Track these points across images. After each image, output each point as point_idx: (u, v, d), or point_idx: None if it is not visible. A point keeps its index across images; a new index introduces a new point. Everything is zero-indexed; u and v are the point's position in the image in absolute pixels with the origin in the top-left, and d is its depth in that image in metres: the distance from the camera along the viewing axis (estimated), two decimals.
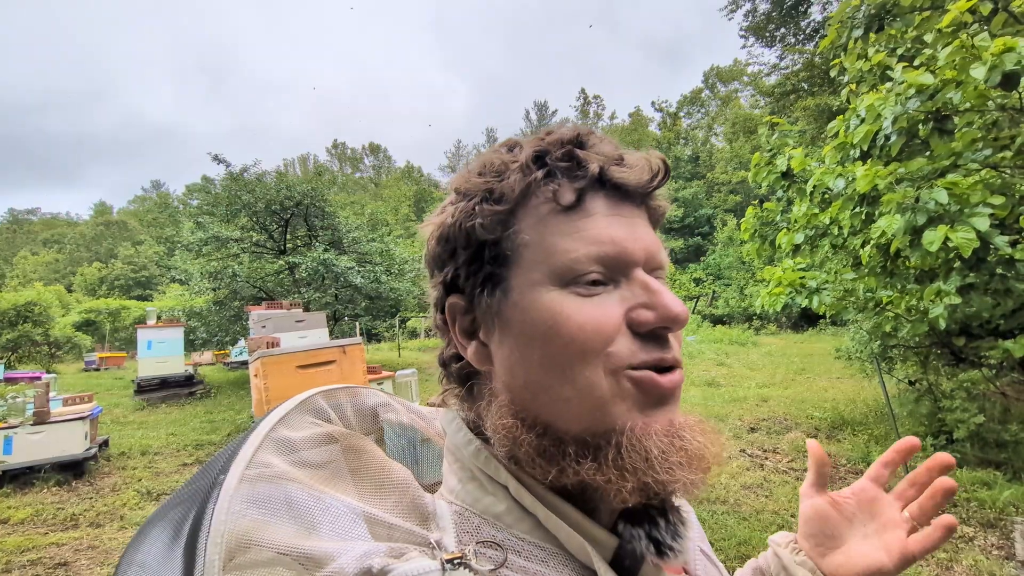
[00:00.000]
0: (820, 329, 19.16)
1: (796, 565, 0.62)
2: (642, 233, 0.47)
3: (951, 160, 3.47)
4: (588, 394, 0.43)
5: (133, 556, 0.43)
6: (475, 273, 0.48)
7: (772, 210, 5.43)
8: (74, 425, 5.68)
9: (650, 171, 0.48)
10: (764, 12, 18.70)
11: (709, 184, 38.59)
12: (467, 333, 0.51)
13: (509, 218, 0.47)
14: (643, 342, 0.44)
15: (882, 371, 5.41)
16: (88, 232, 62.35)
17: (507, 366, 0.47)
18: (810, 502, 0.63)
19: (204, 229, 12.64)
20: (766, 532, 3.86)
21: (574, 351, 0.43)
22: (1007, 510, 4.01)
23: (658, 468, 0.41)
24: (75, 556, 3.89)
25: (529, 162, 0.47)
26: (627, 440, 0.42)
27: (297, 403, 0.52)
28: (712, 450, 0.45)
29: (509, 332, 0.47)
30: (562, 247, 0.45)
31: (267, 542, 0.37)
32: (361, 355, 5.94)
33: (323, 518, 0.39)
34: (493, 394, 0.49)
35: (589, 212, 0.46)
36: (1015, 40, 2.76)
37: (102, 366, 17.49)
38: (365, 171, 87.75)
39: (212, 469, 0.45)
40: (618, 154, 0.48)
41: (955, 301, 3.40)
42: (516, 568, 0.43)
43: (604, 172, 0.46)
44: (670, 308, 0.43)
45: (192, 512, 0.41)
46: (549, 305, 0.44)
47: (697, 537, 0.59)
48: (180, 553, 0.39)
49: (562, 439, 0.44)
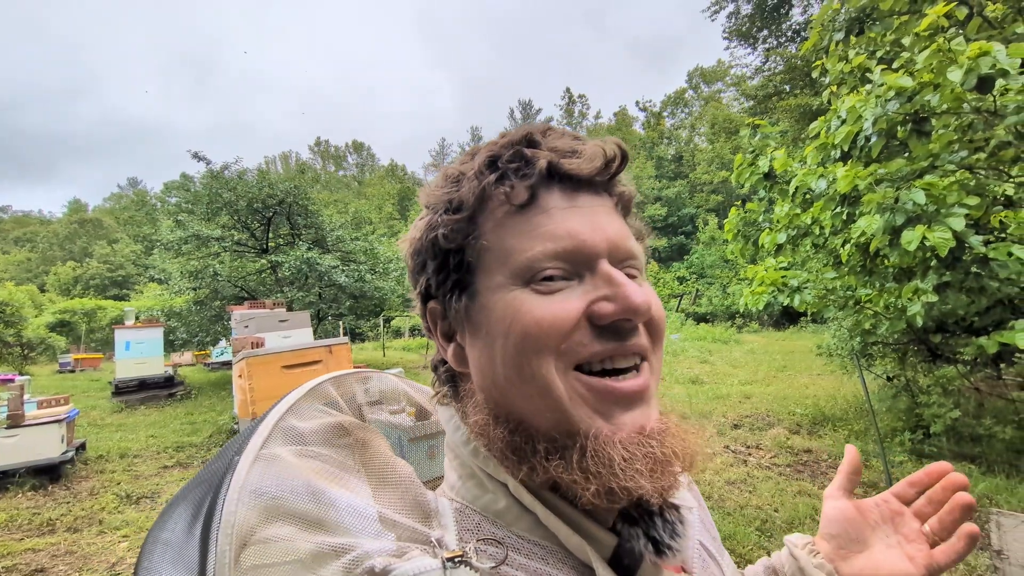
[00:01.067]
0: (801, 327, 19.50)
1: (814, 568, 0.61)
2: (604, 222, 0.47)
3: (929, 161, 3.55)
4: (546, 392, 0.43)
5: (159, 534, 0.44)
6: (444, 281, 0.50)
7: (754, 210, 5.50)
8: (50, 428, 5.53)
9: (604, 157, 0.47)
10: (746, 14, 18.94)
11: (692, 184, 39.01)
12: (446, 337, 0.52)
13: (469, 225, 0.48)
14: (600, 334, 0.44)
15: (862, 368, 5.52)
16: (62, 230, 60.76)
17: (479, 366, 0.48)
18: (835, 504, 0.63)
19: (184, 227, 12.42)
20: (750, 527, 3.92)
21: (529, 346, 0.43)
22: (982, 502, 4.13)
23: (621, 475, 0.40)
24: (52, 562, 3.79)
25: (482, 167, 0.48)
26: (591, 445, 0.42)
27: (307, 391, 0.53)
28: (689, 451, 0.44)
29: (478, 334, 0.48)
30: (519, 247, 0.45)
31: (274, 535, 0.37)
32: (348, 355, 5.89)
33: (328, 512, 0.39)
34: (470, 393, 0.51)
35: (544, 208, 0.46)
36: (990, 44, 2.84)
37: (77, 368, 17.07)
38: (349, 169, 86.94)
39: (227, 453, 0.46)
40: (572, 147, 0.47)
41: (932, 299, 3.48)
42: (516, 565, 0.43)
43: (554, 166, 0.46)
44: (630, 299, 0.43)
45: (209, 496, 0.42)
46: (510, 303, 0.44)
47: (698, 533, 0.59)
48: (199, 534, 0.40)
49: (533, 436, 0.45)
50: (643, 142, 47.32)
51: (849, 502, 0.62)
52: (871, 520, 0.60)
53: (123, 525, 4.40)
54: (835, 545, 0.61)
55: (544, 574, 0.44)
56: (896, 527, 0.59)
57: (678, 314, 25.03)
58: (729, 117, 39.85)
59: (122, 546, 4.04)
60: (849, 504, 0.62)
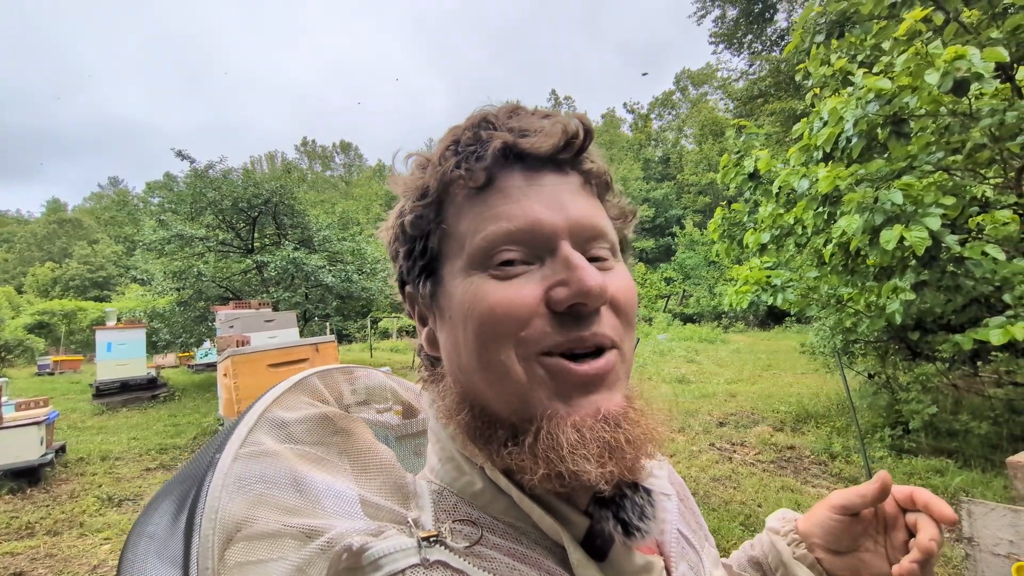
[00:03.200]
0: (786, 327, 19.75)
1: (795, 561, 0.61)
2: (567, 201, 0.45)
3: (907, 162, 3.63)
4: (506, 379, 0.43)
5: (143, 528, 0.44)
6: (412, 268, 0.50)
7: (740, 211, 5.59)
8: (28, 430, 5.42)
9: (564, 134, 0.46)
10: (732, 19, 19.18)
11: (679, 185, 39.35)
12: (421, 321, 0.53)
13: (435, 211, 0.48)
14: (560, 322, 0.43)
15: (844, 365, 5.62)
16: (40, 230, 59.50)
17: (446, 351, 0.49)
18: (837, 518, 0.59)
19: (167, 227, 12.24)
20: (734, 522, 3.97)
21: (487, 335, 0.43)
22: (958, 495, 4.22)
23: (568, 459, 0.40)
24: (32, 565, 3.72)
25: (444, 152, 0.47)
26: (545, 427, 0.41)
27: (293, 383, 0.53)
28: (644, 438, 0.43)
29: (444, 319, 0.48)
30: (474, 229, 0.45)
31: (259, 518, 0.38)
32: (334, 353, 5.86)
33: (312, 496, 0.40)
34: (440, 376, 0.51)
35: (501, 189, 0.45)
36: (965, 48, 2.92)
37: (56, 370, 16.75)
38: (336, 169, 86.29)
39: (211, 448, 0.46)
40: (533, 126, 0.46)
41: (910, 297, 3.56)
42: (491, 545, 0.44)
43: (509, 146, 0.45)
44: (584, 282, 0.41)
45: (193, 489, 0.42)
46: (468, 289, 0.44)
47: (676, 520, 0.59)
48: (183, 526, 0.41)
49: (494, 422, 0.45)
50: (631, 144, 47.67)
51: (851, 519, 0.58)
52: (866, 524, 0.58)
53: (105, 528, 4.33)
54: (822, 544, 0.60)
55: (518, 554, 0.44)
56: (887, 532, 0.58)
57: (665, 314, 25.23)
58: (716, 119, 40.27)
59: (104, 548, 3.98)
60: (851, 520, 0.58)
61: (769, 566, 0.65)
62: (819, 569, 0.60)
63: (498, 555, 0.43)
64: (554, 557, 0.45)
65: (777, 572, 0.64)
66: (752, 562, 0.68)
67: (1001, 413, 5.39)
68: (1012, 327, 3.05)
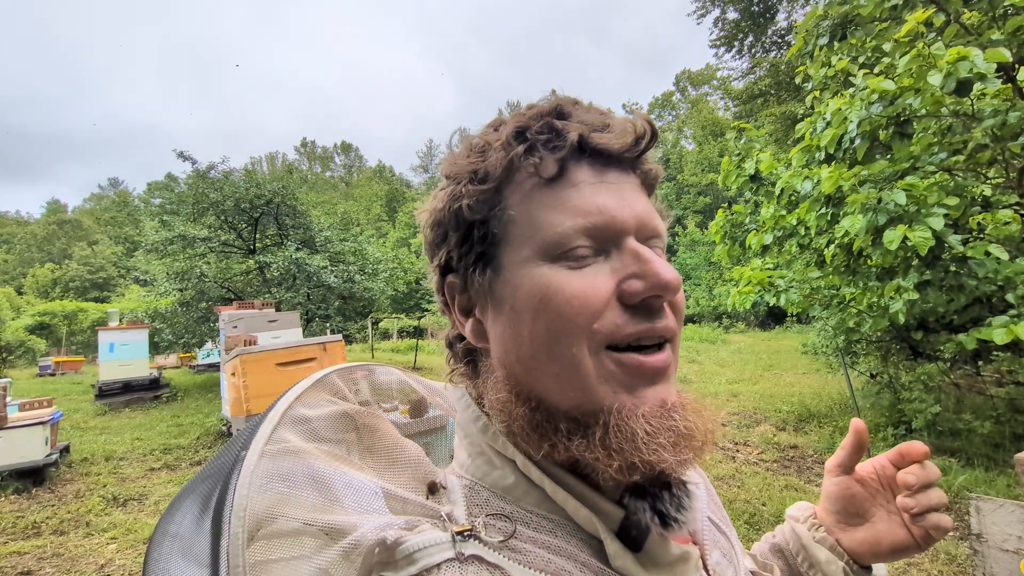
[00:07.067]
0: (786, 327, 19.79)
1: (815, 544, 0.63)
2: (632, 200, 0.46)
3: (910, 163, 3.65)
4: (574, 372, 0.42)
5: (167, 527, 0.45)
6: (466, 254, 0.49)
7: (741, 212, 5.61)
8: (33, 430, 5.43)
9: (634, 134, 0.47)
10: (733, 20, 19.19)
11: (679, 186, 39.38)
12: (464, 311, 0.52)
13: (495, 196, 0.47)
14: (632, 314, 0.43)
15: (846, 365, 5.64)
16: (40, 231, 59.47)
17: (501, 342, 0.47)
18: (836, 480, 0.63)
19: (169, 228, 12.24)
20: (739, 520, 3.99)
21: (561, 327, 0.42)
22: (961, 494, 4.24)
23: (644, 449, 0.40)
24: (39, 564, 3.73)
25: (510, 138, 0.46)
26: (615, 420, 0.41)
27: (314, 381, 0.53)
28: (706, 428, 0.44)
29: (502, 309, 0.47)
30: (548, 220, 0.44)
31: (288, 515, 0.39)
32: (342, 352, 5.87)
33: (341, 492, 0.41)
34: (490, 370, 0.50)
35: (573, 182, 0.45)
36: (968, 49, 2.93)
37: (58, 371, 16.72)
38: (336, 170, 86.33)
39: (235, 445, 0.47)
40: (601, 121, 0.47)
41: (913, 297, 3.58)
42: (525, 539, 0.43)
43: (584, 139, 0.45)
44: (660, 275, 0.42)
45: (218, 487, 0.43)
46: (538, 280, 0.44)
47: (706, 507, 0.60)
48: (208, 525, 0.41)
49: (554, 415, 0.44)
50: None
51: (849, 477, 0.62)
52: (871, 490, 0.61)
53: (111, 527, 4.35)
54: (836, 519, 0.63)
55: (553, 547, 0.44)
56: (895, 493, 0.61)
57: None
58: (716, 120, 40.32)
59: (110, 548, 3.99)
60: (849, 479, 0.62)
61: (790, 551, 0.67)
62: (839, 551, 0.62)
63: (533, 548, 0.43)
64: (589, 549, 0.45)
65: (799, 556, 0.66)
66: (774, 549, 0.70)
67: (1003, 412, 5.42)
68: (1015, 326, 3.07)
